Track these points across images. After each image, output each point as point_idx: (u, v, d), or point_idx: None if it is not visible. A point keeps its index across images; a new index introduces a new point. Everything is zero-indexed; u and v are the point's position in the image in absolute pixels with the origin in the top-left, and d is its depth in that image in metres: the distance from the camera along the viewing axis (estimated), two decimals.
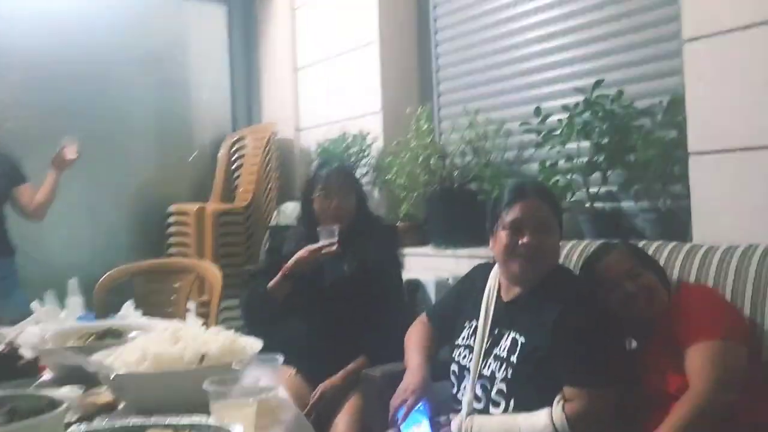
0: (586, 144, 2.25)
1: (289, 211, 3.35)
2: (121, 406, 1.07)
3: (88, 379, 1.13)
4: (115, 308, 2.68)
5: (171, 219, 3.64)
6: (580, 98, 2.23)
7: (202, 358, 1.07)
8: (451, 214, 2.66)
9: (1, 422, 0.87)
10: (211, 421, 0.90)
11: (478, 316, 1.61)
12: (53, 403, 0.93)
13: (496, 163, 2.69)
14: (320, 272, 2.11)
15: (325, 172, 2.19)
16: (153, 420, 0.90)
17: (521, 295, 1.59)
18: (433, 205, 2.73)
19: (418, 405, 1.60)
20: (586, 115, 2.21)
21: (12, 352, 1.09)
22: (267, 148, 3.62)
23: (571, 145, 2.26)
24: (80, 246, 3.49)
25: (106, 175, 3.62)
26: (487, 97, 2.86)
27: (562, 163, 2.32)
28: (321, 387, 1.98)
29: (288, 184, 3.72)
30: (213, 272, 2.62)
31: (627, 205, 2.32)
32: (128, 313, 2.78)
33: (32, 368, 1.10)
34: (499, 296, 1.63)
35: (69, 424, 0.95)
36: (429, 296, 2.49)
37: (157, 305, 2.66)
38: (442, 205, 2.68)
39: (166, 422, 0.89)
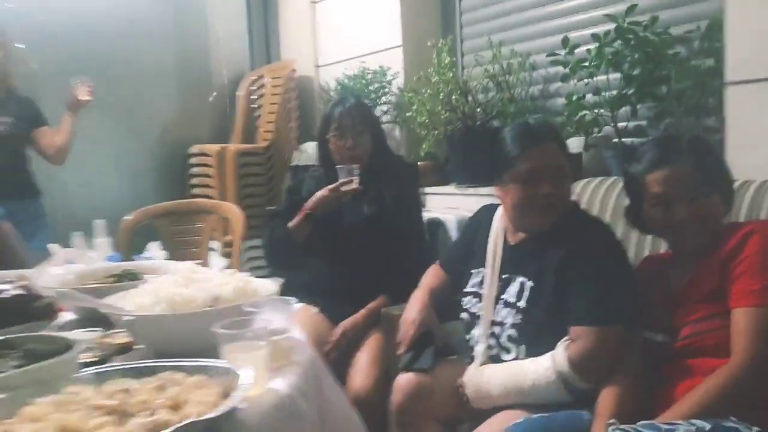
0: (615, 76, 2.14)
1: (310, 150, 3.32)
2: (137, 348, 1.08)
3: (108, 321, 1.14)
4: (140, 249, 2.73)
5: (193, 160, 3.63)
6: (611, 26, 2.10)
7: (216, 300, 1.06)
8: (472, 152, 2.59)
9: (16, 364, 0.88)
10: (223, 363, 0.90)
11: (485, 262, 1.57)
12: (68, 345, 0.94)
13: (521, 98, 2.60)
14: (340, 213, 2.09)
15: (339, 110, 2.13)
16: (164, 362, 0.90)
17: (528, 238, 1.53)
18: (455, 143, 2.66)
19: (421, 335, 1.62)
20: (617, 43, 2.09)
21: (29, 293, 1.10)
22: (286, 86, 3.56)
23: (600, 77, 2.16)
24: (105, 188, 3.53)
25: (128, 118, 3.62)
26: (511, 27, 2.74)
27: (589, 96, 2.23)
28: (342, 325, 2.00)
29: (308, 123, 3.67)
30: (235, 212, 2.63)
31: None
32: (154, 254, 2.84)
33: (49, 310, 1.11)
34: (505, 240, 1.58)
35: (88, 365, 0.96)
36: (450, 235, 2.46)
37: (182, 246, 2.69)
38: (464, 143, 2.61)
39: (178, 364, 0.89)
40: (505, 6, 2.78)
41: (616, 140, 2.19)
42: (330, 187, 2.03)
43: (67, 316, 1.19)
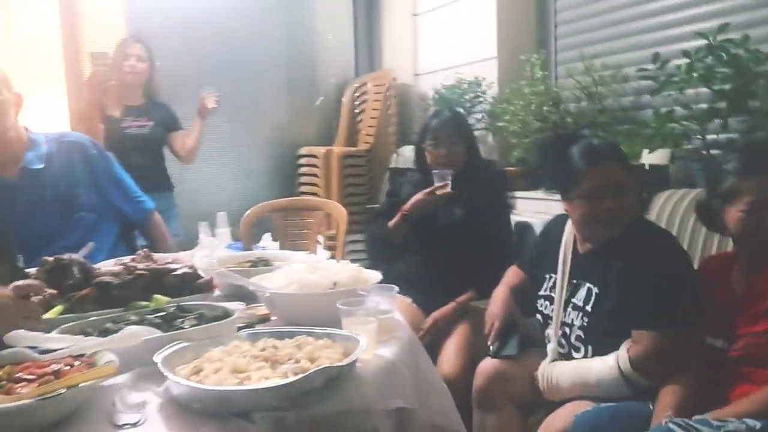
0: (704, 90, 2.22)
1: (408, 153, 3.56)
2: (273, 318, 1.36)
3: (246, 297, 1.43)
4: (255, 239, 3.09)
5: (302, 161, 3.98)
6: (701, 42, 2.19)
7: (335, 284, 1.33)
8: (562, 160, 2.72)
9: (194, 323, 1.18)
10: (343, 332, 1.16)
11: (557, 268, 1.73)
12: (227, 313, 1.23)
13: (611, 109, 2.72)
14: (436, 214, 2.32)
15: (436, 122, 2.35)
16: (299, 329, 1.17)
17: (594, 248, 1.66)
18: (545, 151, 2.80)
19: (505, 326, 1.79)
20: (708, 59, 2.17)
21: (193, 272, 1.41)
22: (387, 94, 3.82)
23: (689, 92, 2.25)
24: (225, 184, 3.94)
25: (246, 121, 4.01)
26: (604, 41, 2.85)
27: (678, 110, 2.31)
28: (434, 315, 2.23)
29: (406, 128, 3.92)
30: (339, 210, 2.92)
31: None
32: (267, 244, 3.19)
33: (208, 286, 1.41)
34: (575, 249, 1.72)
35: (241, 328, 1.24)
36: (537, 238, 2.62)
37: (291, 238, 3.02)
38: (554, 151, 2.75)
39: (309, 330, 1.16)
40: (598, 20, 2.89)
41: (704, 152, 2.27)
42: (426, 191, 2.26)
43: (217, 291, 1.49)
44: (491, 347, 1.83)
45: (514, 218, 2.61)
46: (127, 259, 1.58)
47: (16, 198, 1.96)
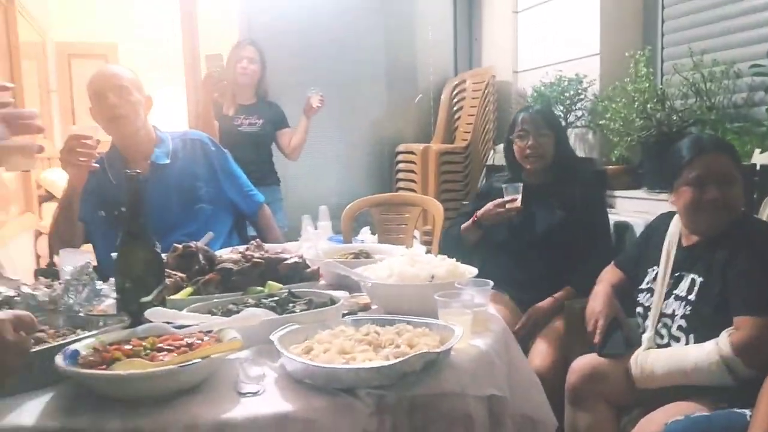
0: None
1: None
2: (374, 307, 1.46)
3: (349, 286, 1.54)
4: (354, 232, 3.23)
5: (399, 157, 4.09)
6: None
7: (432, 277, 1.40)
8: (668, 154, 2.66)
9: (304, 308, 1.30)
10: (440, 322, 1.23)
11: (659, 261, 1.74)
12: (333, 300, 1.34)
13: (721, 106, 2.61)
14: (532, 217, 2.34)
15: (523, 114, 2.41)
16: (398, 317, 1.26)
17: (700, 240, 1.69)
18: (649, 149, 2.75)
19: (610, 324, 1.80)
20: None
21: (302, 262, 1.53)
22: (486, 91, 3.85)
23: None
24: (326, 179, 4.12)
25: (345, 117, 4.16)
26: (714, 36, 2.74)
27: None
28: (531, 310, 2.26)
29: (504, 126, 3.90)
30: (436, 206, 3.00)
31: None
32: (366, 237, 3.32)
33: (315, 275, 1.53)
34: (679, 242, 1.74)
35: (344, 315, 1.35)
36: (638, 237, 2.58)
37: (388, 232, 3.13)
38: (659, 149, 2.69)
39: (408, 319, 1.25)
40: (708, 15, 2.78)
41: None
42: (496, 202, 2.30)
43: (322, 280, 1.61)
44: (596, 345, 1.82)
45: (614, 217, 2.58)
46: (241, 248, 1.74)
47: (147, 190, 2.18)
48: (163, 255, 1.51)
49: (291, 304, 1.31)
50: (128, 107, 2.06)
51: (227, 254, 1.58)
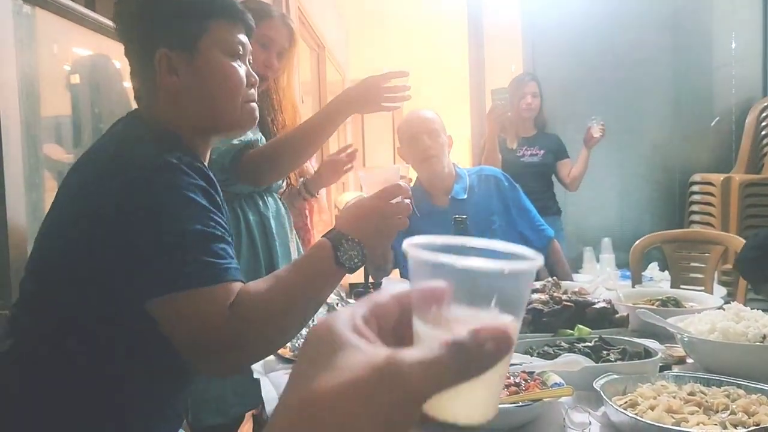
0: None
1: None
2: (689, 361, 1.40)
3: (656, 335, 1.49)
4: (642, 267, 3.07)
5: (694, 188, 3.77)
6: None
7: (764, 337, 1.29)
8: None
9: (619, 357, 1.30)
10: None
11: None
12: (648, 351, 1.32)
13: None
14: None
15: None
16: (729, 378, 1.18)
17: None
18: None
19: None
20: None
21: (611, 307, 1.53)
22: None
23: None
24: (609, 210, 3.99)
25: (627, 143, 3.97)
26: None
27: None
28: None
29: None
30: (740, 245, 2.69)
31: None
32: (654, 274, 3.14)
33: (625, 321, 1.52)
34: None
35: (660, 368, 1.32)
36: None
37: (683, 271, 2.91)
38: None
39: (739, 382, 1.17)
40: None
41: None
42: None
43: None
44: None
45: None
46: (538, 284, 1.80)
47: (447, 223, 2.38)
48: None
49: (605, 352, 1.33)
50: (438, 148, 2.28)
51: (533, 293, 1.65)
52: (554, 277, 1.90)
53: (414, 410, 0.36)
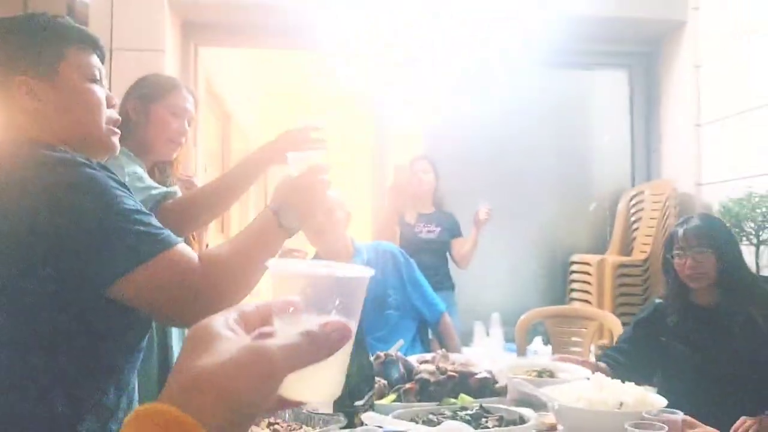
0: None
1: None
2: (560, 428, 1.52)
3: (532, 404, 1.61)
4: (527, 341, 3.25)
5: (573, 267, 4.08)
6: None
7: (621, 404, 1.44)
8: None
9: (496, 424, 1.40)
10: None
11: None
12: (522, 418, 1.43)
13: None
14: (708, 334, 2.22)
15: (681, 230, 2.22)
16: None
17: None
18: None
19: None
20: None
21: (492, 378, 1.64)
22: (666, 204, 3.77)
23: None
24: (499, 286, 4.20)
25: (516, 224, 4.24)
26: None
27: None
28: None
29: None
30: (613, 321, 2.96)
31: None
32: (538, 348, 3.33)
33: (503, 391, 1.63)
34: None
35: None
36: None
37: (563, 345, 3.12)
38: None
39: None
40: None
41: None
42: None
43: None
44: None
45: None
46: (428, 356, 1.89)
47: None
48: None
49: (484, 419, 1.42)
50: (333, 224, 2.38)
51: (421, 363, 1.74)
52: (443, 350, 2.01)
53: (275, 385, 0.47)
